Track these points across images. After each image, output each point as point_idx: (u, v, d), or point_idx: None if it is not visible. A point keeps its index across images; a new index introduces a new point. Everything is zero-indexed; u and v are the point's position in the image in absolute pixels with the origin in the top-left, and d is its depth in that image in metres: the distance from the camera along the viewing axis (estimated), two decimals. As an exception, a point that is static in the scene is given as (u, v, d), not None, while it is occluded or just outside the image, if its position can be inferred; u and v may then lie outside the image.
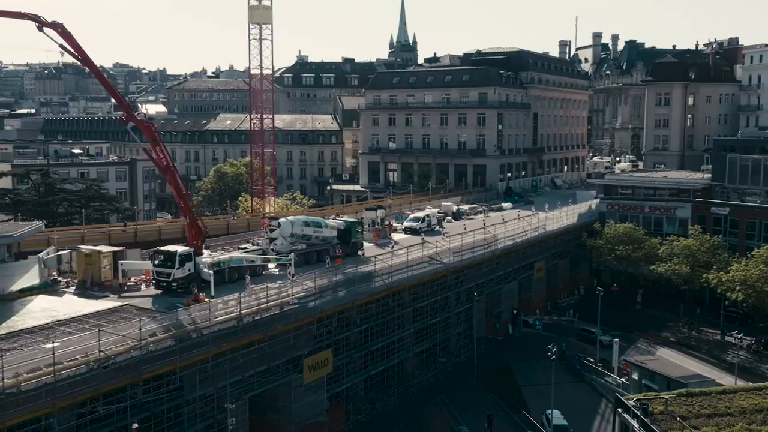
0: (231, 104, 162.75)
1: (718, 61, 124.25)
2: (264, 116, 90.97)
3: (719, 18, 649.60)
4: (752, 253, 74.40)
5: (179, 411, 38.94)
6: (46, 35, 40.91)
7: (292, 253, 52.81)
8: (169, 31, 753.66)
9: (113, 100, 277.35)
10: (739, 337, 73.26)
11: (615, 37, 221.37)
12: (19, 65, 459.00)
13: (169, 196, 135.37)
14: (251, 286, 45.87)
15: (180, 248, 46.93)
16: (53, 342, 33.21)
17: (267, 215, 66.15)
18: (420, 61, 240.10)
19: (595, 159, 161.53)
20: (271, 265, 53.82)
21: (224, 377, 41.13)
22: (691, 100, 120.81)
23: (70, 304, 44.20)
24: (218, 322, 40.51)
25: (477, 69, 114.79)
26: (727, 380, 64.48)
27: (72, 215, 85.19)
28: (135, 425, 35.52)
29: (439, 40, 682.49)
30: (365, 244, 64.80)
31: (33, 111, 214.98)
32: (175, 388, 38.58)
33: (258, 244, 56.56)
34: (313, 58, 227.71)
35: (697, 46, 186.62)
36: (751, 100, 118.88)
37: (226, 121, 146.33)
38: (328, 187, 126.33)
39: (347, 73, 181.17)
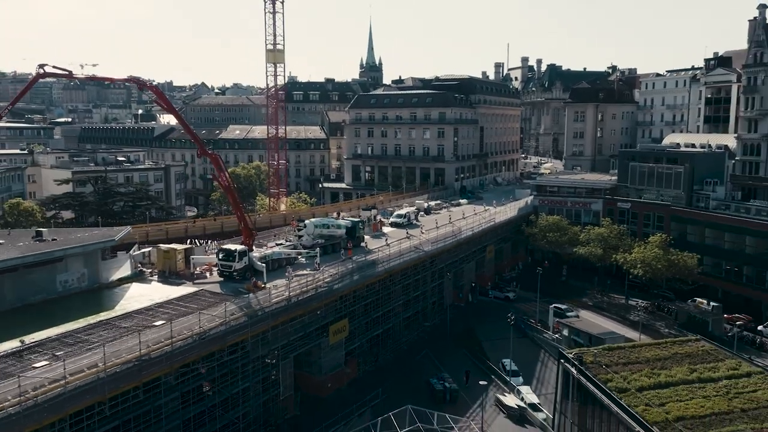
0: (237, 117, 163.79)
1: (621, 86, 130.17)
2: (271, 129, 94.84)
3: (620, 46, 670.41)
4: (649, 239, 79.17)
5: (246, 367, 43.21)
6: (145, 93, 44.67)
7: (318, 248, 57.15)
8: (174, 46, 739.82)
9: (132, 108, 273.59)
10: (641, 304, 79.05)
11: (539, 61, 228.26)
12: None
13: (191, 192, 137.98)
14: (292, 275, 50.35)
15: (239, 247, 50.79)
16: (170, 322, 37.43)
17: (295, 218, 69.55)
18: (385, 79, 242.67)
19: (525, 160, 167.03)
20: (300, 257, 57.91)
21: (276, 342, 45.39)
22: (600, 117, 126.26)
23: (159, 290, 47.55)
24: (274, 303, 45.11)
25: (437, 93, 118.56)
26: (631, 334, 68.77)
27: (126, 213, 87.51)
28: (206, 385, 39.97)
29: (400, 61, 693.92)
30: (366, 237, 69.08)
31: (69, 120, 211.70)
32: (244, 351, 43.17)
33: (290, 241, 60.58)
34: (301, 77, 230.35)
35: (606, 71, 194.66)
36: (646, 117, 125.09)
37: (235, 131, 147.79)
38: (320, 185, 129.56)
39: (329, 91, 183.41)
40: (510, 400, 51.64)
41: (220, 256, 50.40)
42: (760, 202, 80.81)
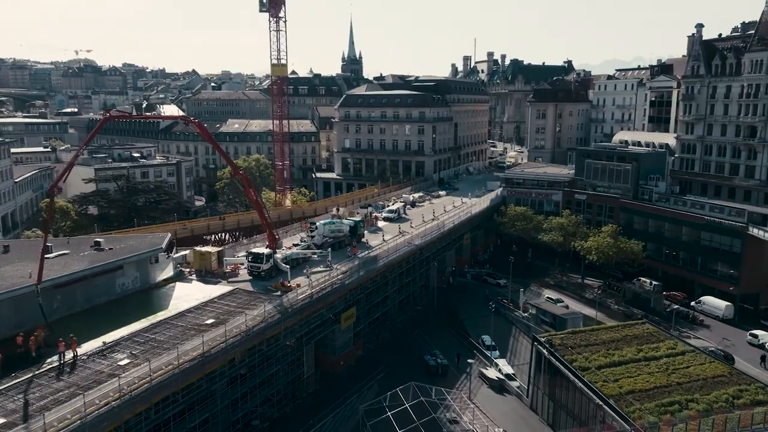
0: (234, 110, 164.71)
1: (577, 87, 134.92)
2: (272, 122, 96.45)
3: (574, 43, 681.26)
4: (602, 228, 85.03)
5: (278, 354, 47.19)
6: (189, 126, 47.77)
7: (329, 248, 61.29)
8: (165, 34, 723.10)
9: (128, 95, 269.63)
10: (596, 288, 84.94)
11: (503, 56, 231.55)
12: (45, 63, 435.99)
13: (195, 180, 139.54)
14: (310, 273, 54.73)
15: (265, 250, 54.66)
16: (225, 324, 41.60)
17: (308, 220, 72.67)
18: (365, 70, 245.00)
19: (492, 148, 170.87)
20: (313, 256, 61.57)
21: (301, 330, 49.62)
22: (559, 114, 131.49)
23: (201, 289, 50.88)
24: (300, 300, 49.40)
25: (417, 94, 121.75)
26: (587, 311, 73.80)
27: (147, 209, 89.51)
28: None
29: (378, 54, 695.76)
30: (365, 232, 73.15)
31: (76, 110, 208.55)
32: (277, 341, 47.49)
33: (305, 241, 64.41)
34: (289, 71, 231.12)
35: (562, 64, 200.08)
36: (598, 115, 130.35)
37: (234, 125, 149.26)
38: (313, 175, 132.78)
39: (317, 86, 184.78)
40: (491, 373, 57.11)
41: (250, 258, 54.28)
42: (694, 197, 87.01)
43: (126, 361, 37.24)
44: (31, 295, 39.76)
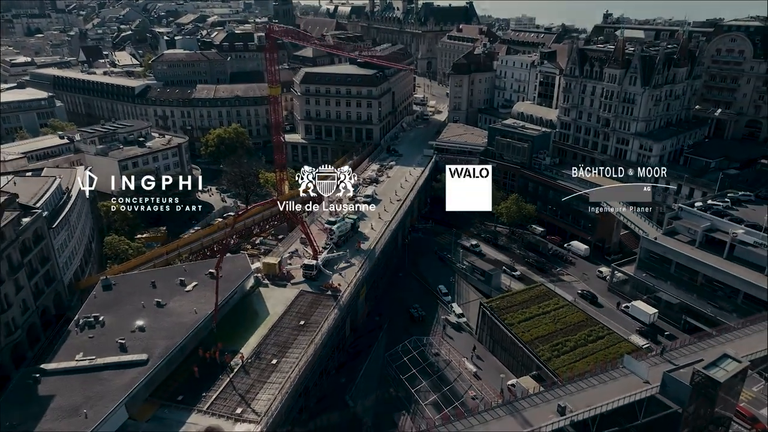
0: (196, 71, 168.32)
1: (485, 59, 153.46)
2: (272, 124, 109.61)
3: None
4: (510, 197, 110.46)
5: (335, 327, 70.87)
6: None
7: (347, 250, 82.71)
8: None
9: (52, 18, 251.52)
10: (506, 234, 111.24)
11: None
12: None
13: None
14: (341, 270, 76.90)
15: (313, 261, 75.22)
16: (318, 328, 64.11)
17: (326, 223, 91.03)
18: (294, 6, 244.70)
19: (415, 95, 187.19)
20: (335, 255, 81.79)
21: (346, 311, 73.33)
22: (471, 82, 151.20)
23: (278, 292, 70.75)
24: (346, 297, 71.97)
25: (366, 75, 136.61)
26: (500, 257, 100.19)
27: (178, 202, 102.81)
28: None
29: None
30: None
31: (29, 59, 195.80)
32: (336, 323, 70.14)
33: (330, 245, 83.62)
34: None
35: (465, 5, 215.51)
36: (500, 84, 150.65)
37: (203, 91, 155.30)
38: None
39: (263, 43, 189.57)
40: (452, 318, 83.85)
41: (304, 267, 75.13)
42: (567, 170, 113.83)
43: (275, 360, 59.58)
44: (206, 326, 60.18)
